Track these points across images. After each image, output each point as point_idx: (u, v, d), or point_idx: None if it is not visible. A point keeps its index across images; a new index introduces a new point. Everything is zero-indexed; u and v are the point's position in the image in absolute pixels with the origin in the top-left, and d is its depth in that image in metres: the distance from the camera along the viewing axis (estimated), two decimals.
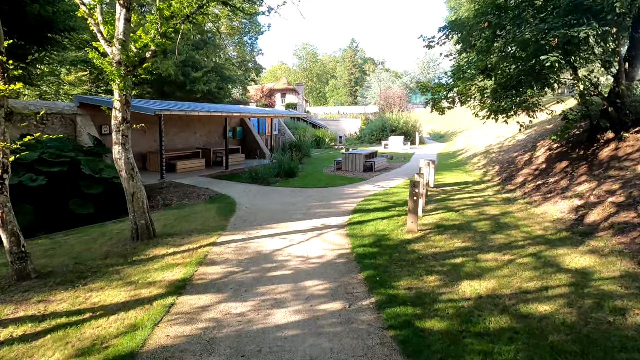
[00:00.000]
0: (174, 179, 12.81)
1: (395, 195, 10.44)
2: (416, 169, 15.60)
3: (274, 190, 11.47)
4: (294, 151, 15.62)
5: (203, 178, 13.49)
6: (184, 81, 23.93)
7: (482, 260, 5.69)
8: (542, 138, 13.42)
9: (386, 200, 9.80)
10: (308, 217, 8.39)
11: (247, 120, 20.05)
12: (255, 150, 18.99)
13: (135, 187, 6.75)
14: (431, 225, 7.54)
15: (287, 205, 9.43)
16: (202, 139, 17.75)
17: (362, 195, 10.51)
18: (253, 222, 7.98)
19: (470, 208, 8.79)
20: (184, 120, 16.46)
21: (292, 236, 7.05)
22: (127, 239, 7.02)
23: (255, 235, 7.10)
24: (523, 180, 10.82)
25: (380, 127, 28.86)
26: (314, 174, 14.43)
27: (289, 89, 60.27)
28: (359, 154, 14.95)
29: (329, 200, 10.06)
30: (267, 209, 9.12)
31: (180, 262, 5.83)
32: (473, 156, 16.92)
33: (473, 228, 7.29)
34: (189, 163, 14.84)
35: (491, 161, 14.48)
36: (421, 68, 66.00)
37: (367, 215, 8.36)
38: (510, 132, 17.60)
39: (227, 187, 11.76)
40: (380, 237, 6.93)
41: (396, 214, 8.49)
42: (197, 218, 8.47)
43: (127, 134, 6.67)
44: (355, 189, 11.50)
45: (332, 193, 10.97)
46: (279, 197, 10.47)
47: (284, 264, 5.73)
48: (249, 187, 11.93)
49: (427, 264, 5.59)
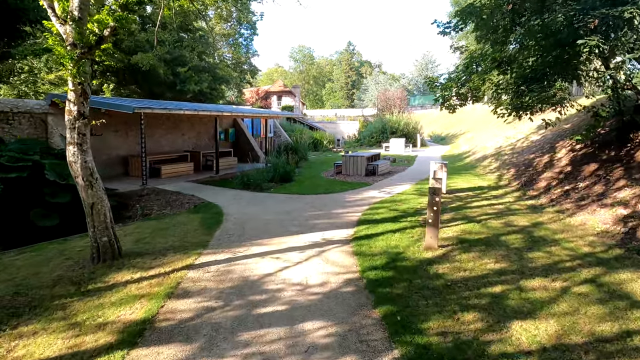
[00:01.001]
0: (157, 185, 11.57)
1: (405, 202, 9.25)
2: (422, 172, 14.44)
3: (267, 196, 10.25)
4: (290, 154, 14.45)
5: (190, 183, 12.25)
6: (174, 81, 22.68)
7: (528, 288, 4.50)
8: (560, 138, 12.31)
9: (395, 209, 8.61)
10: (306, 229, 7.17)
11: (239, 121, 18.84)
12: (248, 153, 17.76)
13: (94, 197, 5.52)
14: (452, 240, 6.34)
15: (282, 215, 8.21)
16: (191, 141, 16.51)
17: (367, 203, 9.32)
18: (241, 237, 6.75)
19: (494, 218, 7.61)
20: (171, 121, 15.23)
21: (287, 255, 5.83)
22: (87, 260, 5.78)
23: (243, 254, 5.87)
24: (546, 184, 9.67)
25: (380, 129, 27.71)
26: (311, 179, 13.23)
27: (285, 91, 59.24)
28: (360, 157, 13.78)
29: (330, 208, 8.85)
30: (258, 219, 7.90)
31: (145, 293, 4.59)
32: (482, 158, 15.79)
33: (503, 243, 6.11)
34: (175, 167, 13.59)
35: (504, 163, 13.34)
36: (419, 70, 65.12)
37: (375, 227, 7.16)
38: (520, 132, 16.50)
39: (215, 194, 10.53)
40: (394, 255, 5.72)
41: (408, 225, 7.29)
42: (177, 231, 7.23)
43: (84, 131, 5.46)
44: (358, 195, 10.30)
45: (333, 200, 9.77)
46: (273, 204, 9.26)
47: (275, 294, 4.51)
48: (240, 193, 10.71)
49: (459, 294, 4.38)
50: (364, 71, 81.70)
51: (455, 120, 41.70)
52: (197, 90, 23.37)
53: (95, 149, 13.53)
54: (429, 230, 5.97)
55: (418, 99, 58.13)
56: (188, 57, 23.99)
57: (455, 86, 10.83)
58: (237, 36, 50.02)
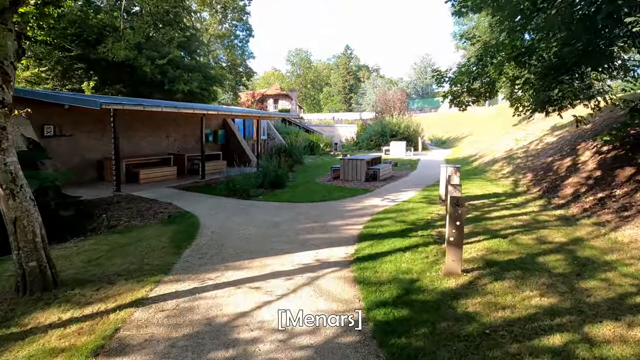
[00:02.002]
0: (132, 191, 10.28)
1: (412, 212, 8.00)
2: (427, 177, 13.21)
3: (254, 205, 8.97)
4: (283, 157, 13.20)
5: (170, 189, 10.97)
6: (162, 80, 21.43)
7: (598, 339, 3.24)
8: (581, 139, 11.11)
9: (402, 220, 7.35)
10: (296, 247, 5.90)
11: (230, 122, 17.60)
12: (239, 157, 16.48)
13: (18, 210, 4.23)
14: (477, 262, 5.09)
15: (269, 228, 6.93)
16: (177, 144, 15.23)
17: (369, 213, 8.06)
18: (215, 257, 5.47)
19: (521, 232, 6.37)
20: (154, 121, 13.96)
21: (269, 283, 4.56)
22: (12, 291, 4.48)
23: (213, 282, 4.59)
24: (573, 191, 8.44)
25: (380, 132, 26.50)
26: (306, 184, 11.96)
27: (281, 94, 58.23)
28: (359, 160, 12.53)
29: (326, 219, 7.58)
30: (240, 234, 6.62)
31: (67, 346, 3.30)
32: (492, 162, 14.58)
33: (543, 267, 4.86)
34: (155, 171, 12.30)
35: (518, 167, 12.12)
36: (418, 73, 64.27)
37: (380, 244, 5.89)
38: (531, 134, 15.32)
39: (195, 202, 9.24)
40: (407, 283, 4.46)
41: (420, 241, 6.03)
42: (140, 249, 5.95)
43: (3, 124, 4.17)
44: (358, 204, 9.04)
45: (329, 209, 8.50)
46: (260, 215, 7.97)
47: (248, 349, 3.23)
48: (224, 201, 9.42)
49: (505, 349, 3.12)
50: (361, 75, 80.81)
51: (455, 123, 40.64)
52: (187, 90, 22.13)
53: (65, 151, 12.33)
54: (451, 251, 4.71)
55: (417, 103, 57.18)
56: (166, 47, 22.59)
57: (467, 80, 9.63)
58: (232, 37, 49.04)
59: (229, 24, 48.63)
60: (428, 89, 63.92)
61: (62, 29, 18.52)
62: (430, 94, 63.12)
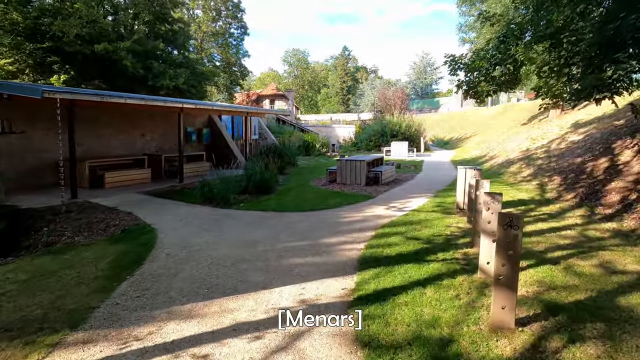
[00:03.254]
0: (94, 197, 8.72)
1: (426, 225, 6.44)
2: (435, 180, 11.67)
3: (231, 215, 7.38)
4: (273, 158, 11.62)
5: (139, 195, 9.38)
6: (145, 75, 19.81)
7: None
8: (615, 137, 9.60)
9: (414, 236, 5.78)
10: (275, 278, 4.32)
11: (216, 119, 16.03)
12: (226, 158, 14.89)
13: None
14: (531, 304, 3.54)
15: (244, 248, 5.35)
16: (154, 143, 13.64)
17: (372, 226, 6.49)
18: (158, 297, 3.88)
19: (575, 255, 4.81)
20: (127, 117, 12.37)
21: (226, 348, 2.97)
22: None
23: (138, 347, 2.99)
24: (621, 198, 6.90)
25: (380, 132, 24.94)
26: (298, 189, 10.38)
27: (277, 95, 56.86)
28: (359, 161, 10.97)
29: (318, 235, 6.00)
30: (204, 257, 5.03)
31: None
32: (507, 163, 13.04)
33: (632, 315, 3.30)
34: (124, 174, 10.70)
35: (541, 169, 10.59)
36: (417, 73, 62.88)
37: (390, 274, 4.32)
38: (550, 132, 13.81)
39: (161, 211, 7.66)
40: (436, 347, 2.90)
41: (442, 268, 4.47)
42: (63, 280, 4.36)
43: None
44: (358, 214, 7.47)
45: (323, 221, 6.92)
46: (236, 229, 6.39)
47: None
48: (196, 210, 7.83)
49: None
50: (359, 76, 79.47)
51: (456, 124, 39.25)
52: (172, 86, 20.49)
53: (17, 151, 10.63)
54: (500, 295, 3.15)
55: (417, 103, 55.87)
56: (163, 50, 21.27)
57: (487, 66, 8.10)
58: (227, 36, 47.59)
59: (223, 22, 47.17)
60: (428, 89, 62.61)
61: (33, 18, 16.95)
62: (430, 94, 61.81)
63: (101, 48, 17.94)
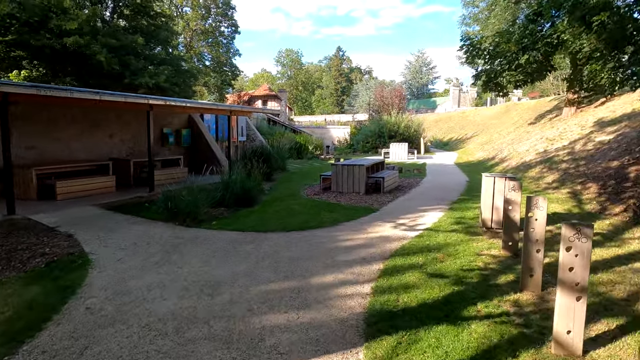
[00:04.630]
0: (37, 213, 7.12)
1: (449, 252, 4.92)
2: (445, 187, 10.18)
3: (197, 239, 5.80)
4: (258, 161, 10.03)
5: (94, 209, 7.79)
6: (122, 72, 18.15)
7: None
8: None
9: (438, 273, 4.25)
10: (237, 358, 2.76)
11: (197, 119, 14.45)
12: (208, 162, 13.28)
13: None
14: None
15: (200, 298, 3.79)
16: (125, 145, 12.02)
17: (378, 255, 4.96)
18: None
19: None
20: (91, 116, 10.75)
21: None
22: None
23: None
24: None
25: (377, 132, 23.45)
26: (286, 199, 8.83)
27: (270, 95, 55.42)
28: (358, 166, 9.44)
29: (306, 271, 4.45)
30: (136, 315, 3.46)
31: None
32: (523, 167, 11.59)
33: None
34: (81, 183, 9.09)
35: (568, 174, 9.13)
36: (413, 73, 61.59)
37: (417, 351, 2.78)
38: (568, 132, 12.38)
39: (110, 233, 6.07)
40: None
41: (494, 335, 2.95)
42: None
43: None
44: (360, 235, 5.93)
45: (314, 246, 5.37)
46: (198, 261, 4.81)
47: None
48: (156, 230, 6.25)
49: None
50: (354, 77, 78.17)
51: (454, 124, 37.98)
52: (153, 84, 18.86)
53: None
54: None
55: (413, 103, 54.62)
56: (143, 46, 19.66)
57: (516, 49, 6.61)
58: (217, 34, 46.02)
59: (213, 20, 45.56)
60: (424, 89, 61.37)
61: None
62: (426, 94, 60.63)
63: (71, 41, 16.28)
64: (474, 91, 50.80)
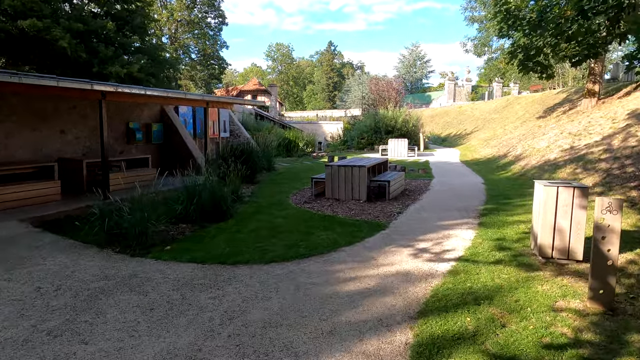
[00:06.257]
0: None
1: (508, 305, 3.25)
2: (461, 192, 8.53)
3: (134, 279, 4.05)
4: (237, 162, 8.24)
5: (17, 225, 5.97)
6: (89, 60, 16.16)
7: None
8: None
9: (506, 354, 2.57)
10: None
11: (171, 113, 12.63)
12: (184, 162, 11.44)
13: None
14: None
15: None
16: (81, 143, 10.15)
17: (399, 309, 3.27)
18: None
19: None
20: (35, 109, 8.89)
21: None
22: None
23: None
24: None
25: (373, 128, 21.74)
26: (268, 210, 7.09)
27: (260, 90, 53.59)
28: (357, 167, 7.73)
29: (287, 354, 2.74)
30: None
31: None
32: (549, 167, 9.97)
33: None
34: (13, 191, 7.25)
35: (612, 176, 7.53)
36: (407, 67, 59.95)
37: None
38: (596, 125, 10.80)
39: (14, 268, 4.28)
40: None
41: None
42: None
43: None
44: (368, 270, 4.23)
45: (302, 295, 3.65)
46: (115, 330, 3.07)
47: None
48: (79, 263, 4.46)
49: None
50: (345, 72, 76.39)
51: (451, 119, 36.44)
52: (125, 74, 16.89)
53: None
54: None
55: (407, 98, 52.99)
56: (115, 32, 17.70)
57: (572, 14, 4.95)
58: (204, 26, 43.88)
59: (199, 10, 43.35)
60: (418, 83, 59.82)
61: None
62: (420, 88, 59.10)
63: (28, 24, 14.29)
64: (469, 85, 49.41)
